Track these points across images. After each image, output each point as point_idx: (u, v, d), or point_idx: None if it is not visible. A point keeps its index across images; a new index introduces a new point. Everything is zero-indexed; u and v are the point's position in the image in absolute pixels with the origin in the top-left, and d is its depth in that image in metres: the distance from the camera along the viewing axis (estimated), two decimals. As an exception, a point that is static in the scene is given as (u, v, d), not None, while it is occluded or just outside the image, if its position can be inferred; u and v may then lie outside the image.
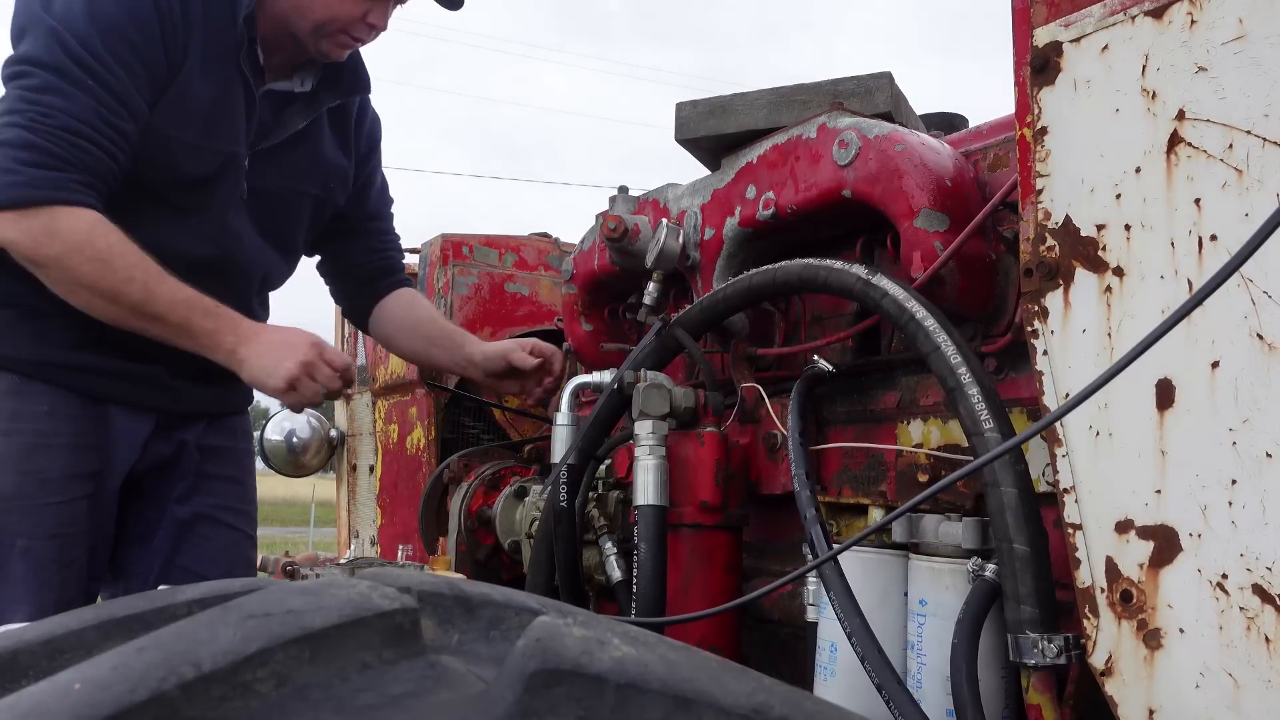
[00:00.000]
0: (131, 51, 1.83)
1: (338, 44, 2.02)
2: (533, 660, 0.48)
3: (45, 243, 1.75)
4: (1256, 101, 0.88)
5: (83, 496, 1.97)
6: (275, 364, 1.87)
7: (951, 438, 1.41)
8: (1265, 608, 0.86)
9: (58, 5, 1.81)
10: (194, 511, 2.18)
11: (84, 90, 1.78)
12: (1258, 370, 0.87)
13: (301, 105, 2.11)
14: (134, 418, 2.04)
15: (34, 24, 1.81)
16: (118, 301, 1.81)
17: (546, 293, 2.87)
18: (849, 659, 1.26)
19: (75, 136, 1.76)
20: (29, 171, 1.73)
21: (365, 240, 2.38)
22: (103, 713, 0.43)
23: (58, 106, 1.76)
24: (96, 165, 1.79)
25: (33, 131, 1.74)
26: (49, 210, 1.75)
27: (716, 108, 1.75)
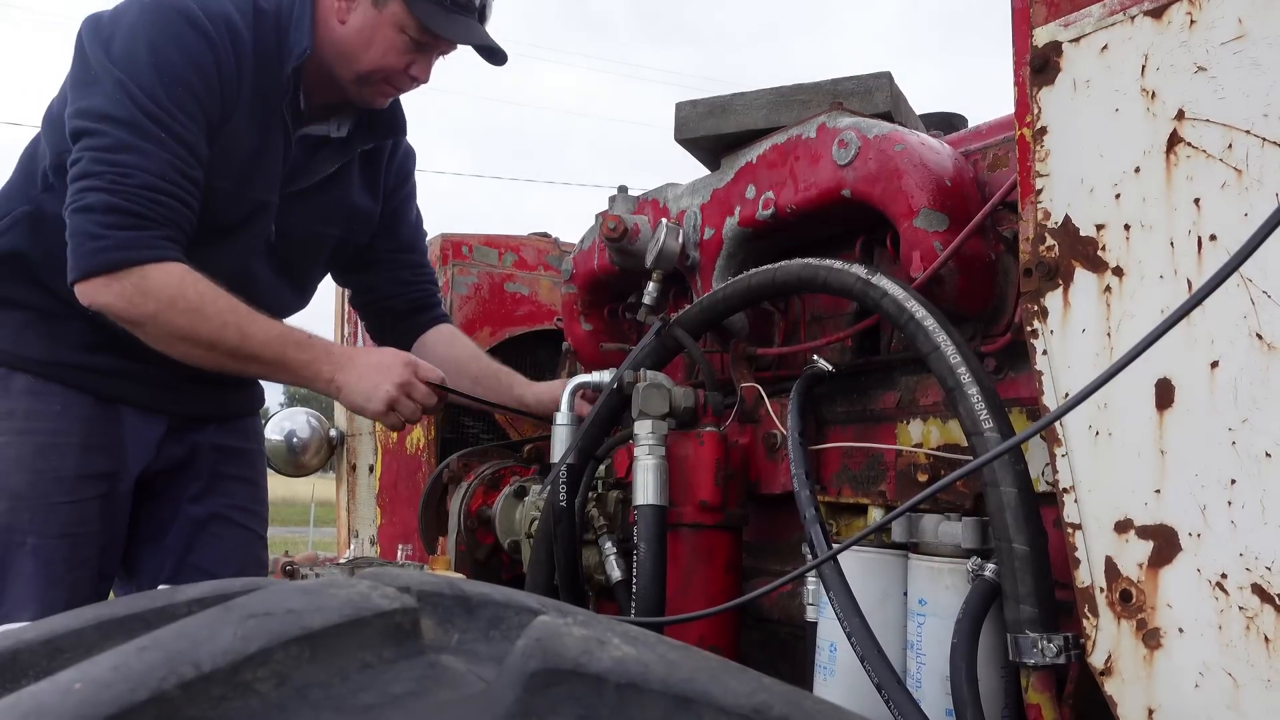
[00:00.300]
0: (194, 100, 1.85)
1: (380, 93, 2.06)
2: (533, 660, 0.48)
3: (140, 302, 1.78)
4: (1256, 101, 0.88)
5: (94, 497, 1.98)
6: (373, 388, 1.91)
7: (951, 437, 1.41)
8: (1264, 607, 0.86)
9: (118, 51, 1.82)
10: (208, 511, 2.20)
11: (158, 145, 1.80)
12: (1257, 370, 0.87)
13: (335, 149, 2.13)
14: (146, 419, 2.06)
15: (100, 74, 1.82)
16: (215, 348, 1.84)
17: (546, 292, 2.87)
18: (848, 659, 1.26)
19: (156, 194, 1.79)
20: (116, 234, 1.75)
21: (396, 272, 2.36)
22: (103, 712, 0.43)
23: (135, 165, 1.78)
24: (177, 218, 1.82)
25: (114, 194, 1.76)
26: (139, 270, 1.77)
27: (716, 107, 1.75)
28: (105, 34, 1.84)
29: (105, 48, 1.83)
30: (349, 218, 2.22)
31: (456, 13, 1.98)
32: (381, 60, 1.98)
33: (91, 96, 1.82)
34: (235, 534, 2.25)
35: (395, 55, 1.99)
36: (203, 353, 1.85)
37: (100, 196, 1.75)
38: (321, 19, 1.98)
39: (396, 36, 1.97)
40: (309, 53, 1.95)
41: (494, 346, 2.76)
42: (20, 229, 1.92)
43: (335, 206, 2.19)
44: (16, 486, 1.91)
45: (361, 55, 1.98)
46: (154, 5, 1.86)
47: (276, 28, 1.96)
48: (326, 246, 2.25)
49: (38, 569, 1.91)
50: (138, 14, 1.85)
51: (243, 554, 2.27)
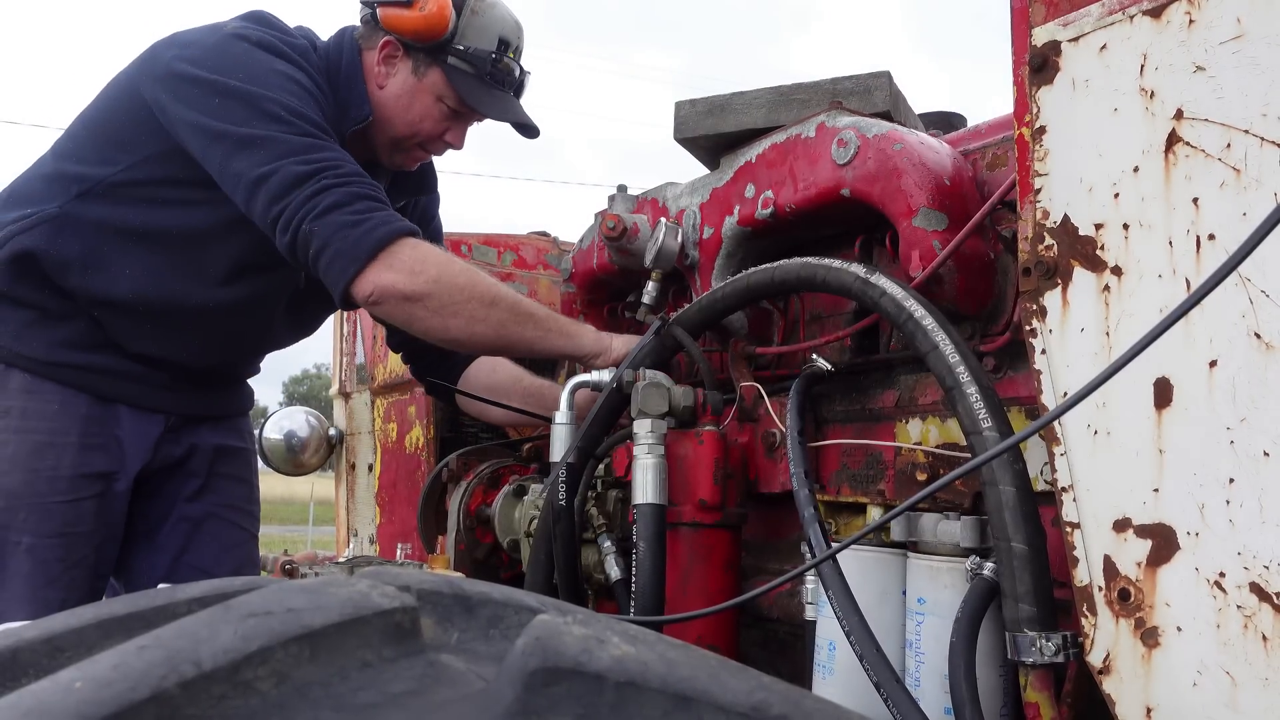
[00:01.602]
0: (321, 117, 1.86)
1: (412, 158, 2.08)
2: (532, 658, 0.48)
3: (422, 269, 1.77)
4: (1254, 101, 0.88)
5: (91, 496, 1.98)
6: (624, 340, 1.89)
7: (950, 436, 1.41)
8: (1262, 606, 0.86)
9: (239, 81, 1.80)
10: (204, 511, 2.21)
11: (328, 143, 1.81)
12: (1255, 369, 0.87)
13: None
14: (144, 418, 2.06)
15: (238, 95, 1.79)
16: (497, 304, 1.82)
17: (545, 291, 2.87)
18: (847, 657, 1.26)
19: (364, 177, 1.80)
20: (374, 215, 1.74)
21: None
22: (104, 711, 0.43)
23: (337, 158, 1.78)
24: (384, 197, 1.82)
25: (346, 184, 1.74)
26: (406, 241, 1.76)
27: (715, 107, 1.75)
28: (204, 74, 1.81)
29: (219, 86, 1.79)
30: None
31: (495, 87, 2.00)
32: (418, 126, 2.00)
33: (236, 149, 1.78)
34: (230, 534, 2.25)
35: (432, 123, 2.01)
36: (486, 310, 1.80)
37: (338, 193, 1.73)
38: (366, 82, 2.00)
39: (434, 105, 1.99)
40: (369, 119, 1.96)
41: None
42: (44, 230, 1.90)
43: None
44: (12, 485, 1.91)
45: (398, 121, 2.00)
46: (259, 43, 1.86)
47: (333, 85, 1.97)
48: None
49: (34, 568, 1.91)
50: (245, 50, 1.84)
51: (238, 554, 2.27)
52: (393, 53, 1.97)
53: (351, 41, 2.00)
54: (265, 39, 1.88)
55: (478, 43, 1.96)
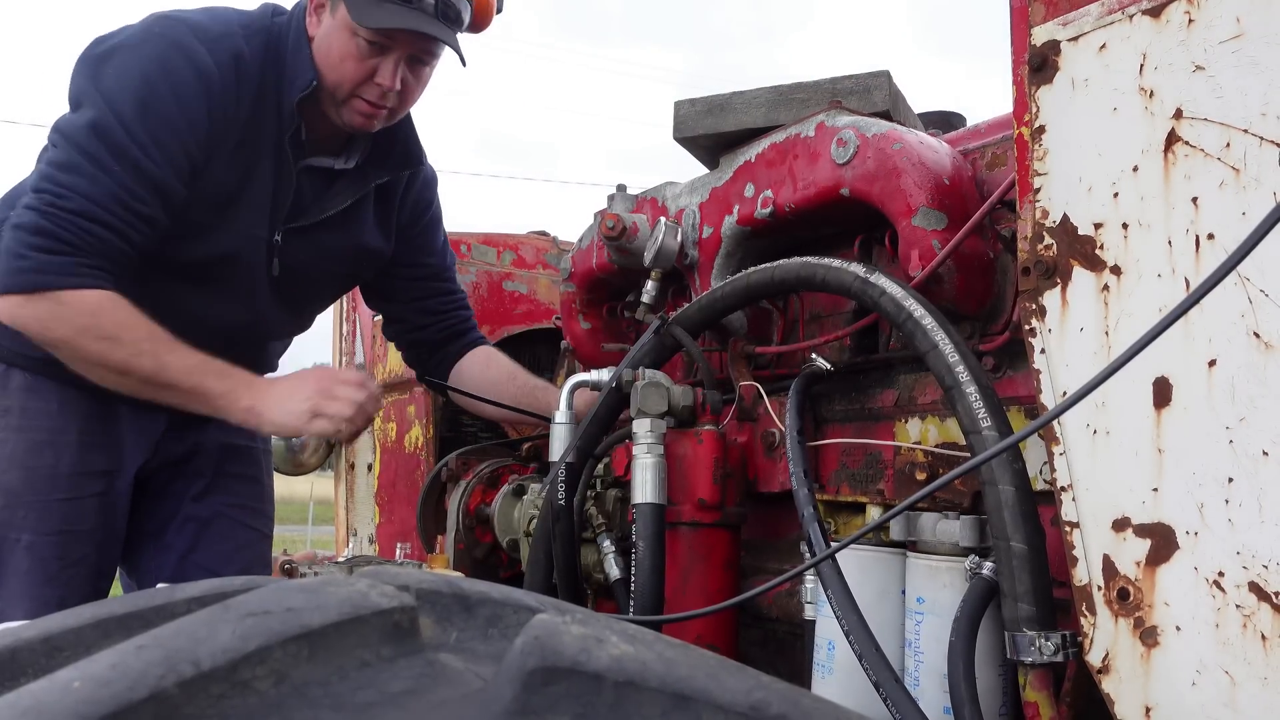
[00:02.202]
0: (174, 137, 1.82)
1: (356, 111, 1.94)
2: (531, 658, 0.48)
3: (53, 326, 1.77)
4: (1254, 100, 0.88)
5: (91, 494, 1.98)
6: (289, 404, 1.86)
7: (949, 436, 1.41)
8: (1261, 605, 0.86)
9: (109, 78, 1.80)
10: (212, 510, 2.20)
11: (109, 174, 1.78)
12: (1255, 368, 0.87)
13: (347, 183, 2.07)
14: (145, 416, 2.05)
15: (85, 95, 1.81)
16: (129, 375, 1.82)
17: (545, 291, 2.87)
18: (847, 657, 1.26)
19: (88, 221, 1.76)
20: (36, 257, 1.74)
21: (425, 302, 2.32)
22: (102, 710, 0.43)
23: (74, 188, 1.76)
24: (106, 249, 1.79)
25: (44, 216, 1.74)
26: (54, 295, 1.75)
27: (715, 106, 1.75)
28: (99, 52, 1.83)
29: (95, 70, 1.81)
30: (356, 257, 2.18)
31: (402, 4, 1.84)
32: (341, 69, 1.89)
33: (68, 117, 1.82)
34: (240, 534, 2.25)
35: (353, 62, 1.88)
36: (117, 378, 1.83)
37: (32, 217, 1.75)
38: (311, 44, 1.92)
39: (350, 40, 1.87)
40: (315, 84, 1.89)
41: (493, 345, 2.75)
42: None
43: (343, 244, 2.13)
44: (12, 483, 1.91)
45: (326, 71, 1.90)
46: (159, 37, 1.83)
47: (278, 58, 1.92)
48: (332, 284, 2.23)
49: (32, 566, 1.91)
50: (139, 42, 1.83)
51: (247, 554, 2.26)
52: (320, 3, 1.91)
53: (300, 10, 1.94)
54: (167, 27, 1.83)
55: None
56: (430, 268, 2.31)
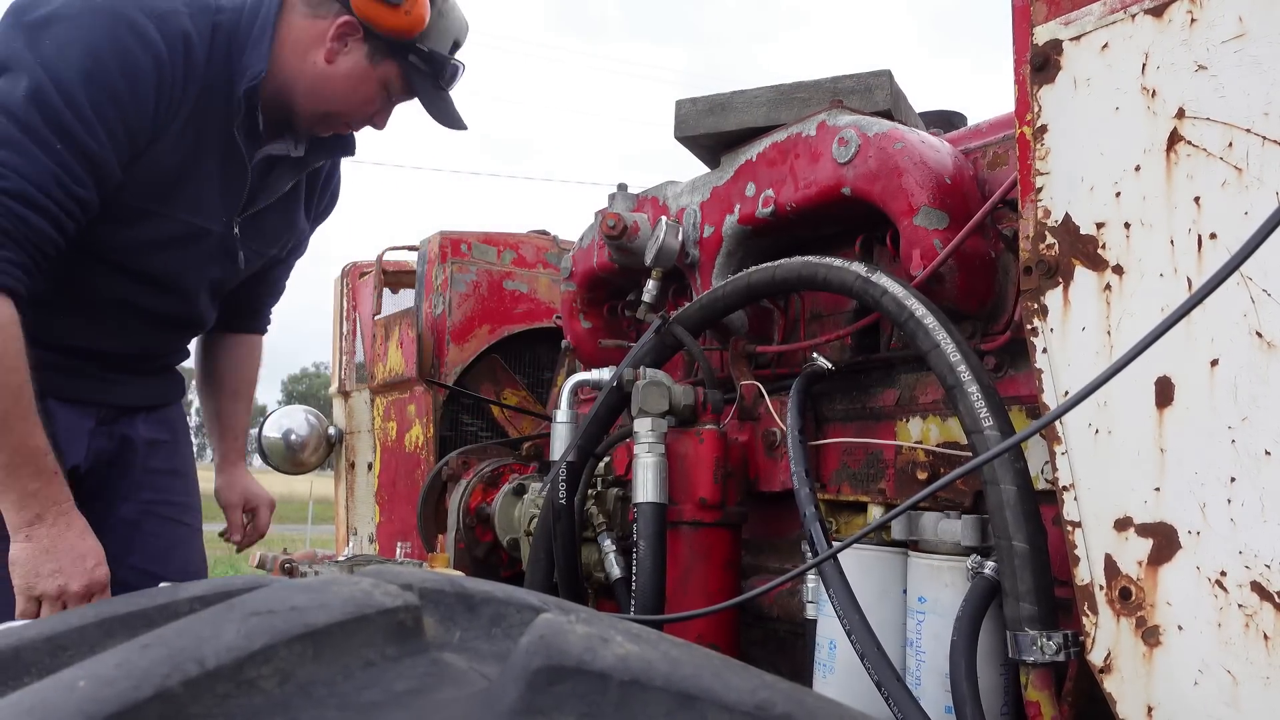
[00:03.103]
0: (119, 116, 1.73)
1: (332, 129, 2.04)
2: (536, 657, 0.48)
3: None
4: (1256, 100, 0.88)
5: None
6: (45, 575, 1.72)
7: (951, 435, 1.41)
8: (1264, 605, 0.86)
9: (49, 46, 1.68)
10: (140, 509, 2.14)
11: (48, 153, 1.66)
12: (1257, 368, 0.87)
13: (289, 167, 2.09)
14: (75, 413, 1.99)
15: (16, 62, 1.67)
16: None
17: (545, 290, 2.87)
18: (848, 656, 1.26)
19: (23, 204, 1.64)
20: None
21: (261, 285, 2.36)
22: (107, 709, 0.43)
23: (13, 166, 1.63)
24: (39, 237, 1.67)
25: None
26: None
27: (716, 105, 1.75)
28: (35, 19, 1.70)
29: (31, 35, 1.68)
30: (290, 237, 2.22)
31: (441, 89, 2.01)
32: (357, 108, 1.98)
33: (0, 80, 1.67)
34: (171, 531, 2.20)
35: (372, 107, 1.99)
36: None
37: None
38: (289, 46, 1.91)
39: (379, 92, 1.97)
40: (263, 75, 1.87)
41: (493, 344, 2.76)
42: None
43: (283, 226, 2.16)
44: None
45: (338, 99, 1.95)
46: (105, 9, 1.73)
47: (229, 47, 1.89)
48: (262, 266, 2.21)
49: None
50: (82, 12, 1.71)
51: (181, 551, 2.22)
52: (350, 32, 1.91)
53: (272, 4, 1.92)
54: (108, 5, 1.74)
55: (437, 44, 1.96)
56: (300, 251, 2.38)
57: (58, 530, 1.73)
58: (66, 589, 1.72)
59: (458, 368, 2.71)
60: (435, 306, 2.73)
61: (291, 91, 1.94)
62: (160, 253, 1.94)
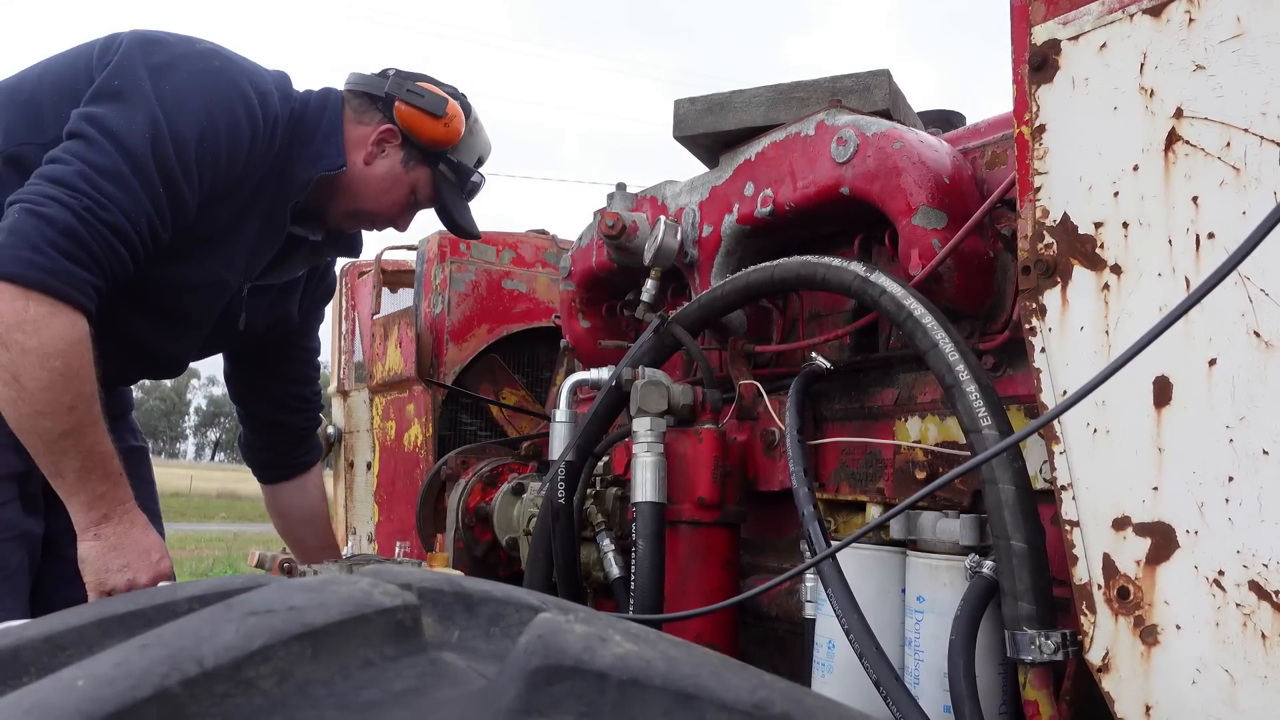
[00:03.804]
0: (214, 175, 1.84)
1: (356, 226, 2.18)
2: (535, 656, 0.48)
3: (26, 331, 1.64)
4: (1254, 99, 0.88)
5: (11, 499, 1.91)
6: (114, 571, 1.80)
7: (949, 435, 1.41)
8: (1261, 604, 0.86)
9: (170, 90, 1.78)
10: None
11: (151, 197, 1.75)
12: (1255, 368, 0.87)
13: (306, 254, 2.20)
14: None
15: (135, 95, 1.76)
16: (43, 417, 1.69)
17: (544, 289, 2.87)
18: (847, 655, 1.26)
19: (117, 237, 1.72)
20: (60, 261, 1.65)
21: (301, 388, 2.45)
22: (106, 709, 0.43)
23: (116, 200, 1.71)
24: (120, 269, 1.76)
25: (82, 221, 1.67)
26: (51, 303, 1.65)
27: (715, 105, 1.75)
28: (159, 62, 1.81)
29: (155, 76, 1.78)
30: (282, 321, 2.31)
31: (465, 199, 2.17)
32: (387, 210, 2.12)
33: (113, 110, 1.74)
34: None
35: (398, 209, 2.13)
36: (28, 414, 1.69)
37: (64, 215, 1.64)
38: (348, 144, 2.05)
39: (407, 195, 2.11)
40: (342, 169, 2.01)
41: (492, 344, 2.76)
42: None
43: (282, 308, 2.27)
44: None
45: (369, 199, 2.08)
46: (223, 74, 1.87)
47: (296, 133, 2.00)
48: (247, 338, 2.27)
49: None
50: (203, 71, 1.84)
51: None
52: (390, 139, 2.07)
53: (338, 102, 2.08)
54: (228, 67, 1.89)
55: (465, 158, 2.15)
56: (314, 353, 2.49)
57: (123, 528, 1.81)
58: (135, 582, 1.82)
59: (456, 367, 2.71)
60: (434, 306, 2.73)
61: (332, 186, 2.06)
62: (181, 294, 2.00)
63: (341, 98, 2.10)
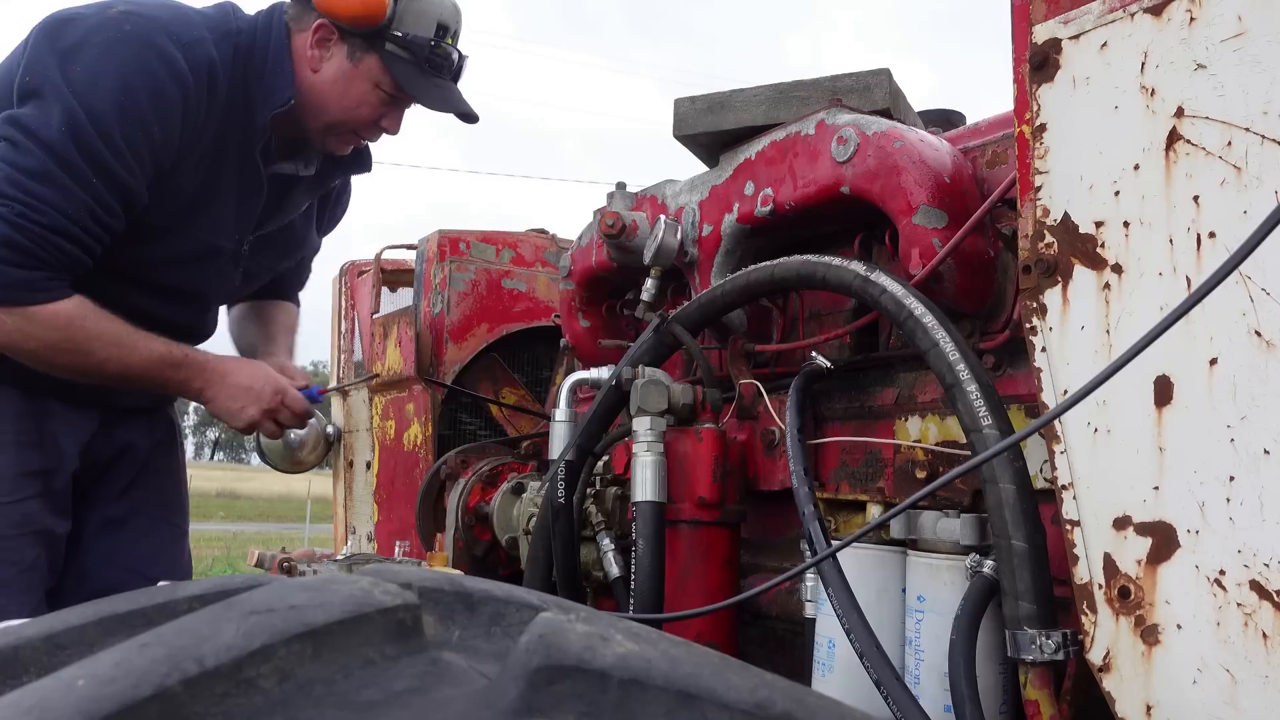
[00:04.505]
0: (149, 147, 1.79)
1: (345, 142, 2.04)
2: (536, 656, 0.48)
3: (21, 340, 1.77)
4: (1255, 99, 0.88)
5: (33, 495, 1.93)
6: (240, 408, 1.99)
7: (949, 434, 1.41)
8: (1262, 604, 0.86)
9: (80, 73, 1.72)
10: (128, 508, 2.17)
11: (84, 188, 1.73)
12: (1256, 367, 0.87)
13: (305, 186, 2.12)
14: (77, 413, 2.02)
15: (49, 88, 1.71)
16: (96, 375, 1.88)
17: (544, 289, 2.87)
18: (847, 655, 1.26)
19: (60, 237, 1.72)
20: (9, 271, 1.70)
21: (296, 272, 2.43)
22: (107, 708, 0.43)
23: (49, 201, 1.70)
24: (72, 262, 1.78)
25: (16, 229, 1.69)
26: (24, 310, 1.74)
27: (715, 104, 1.75)
28: (68, 45, 1.73)
29: (63, 62, 1.72)
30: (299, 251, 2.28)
31: (433, 74, 1.96)
32: (354, 113, 1.96)
33: (31, 109, 1.71)
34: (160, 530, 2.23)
35: (369, 109, 1.96)
36: (86, 378, 1.89)
37: (2, 228, 1.68)
38: (296, 65, 1.93)
39: (371, 91, 1.94)
40: (290, 104, 1.90)
41: (492, 343, 2.75)
42: None
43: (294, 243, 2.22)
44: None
45: (331, 106, 1.95)
46: (135, 38, 1.76)
47: (247, 70, 1.90)
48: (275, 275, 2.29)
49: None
50: (113, 41, 1.74)
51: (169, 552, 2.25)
52: (327, 36, 1.91)
53: (280, 21, 1.94)
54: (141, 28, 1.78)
55: (415, 29, 1.91)
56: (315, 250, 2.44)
57: (216, 383, 1.99)
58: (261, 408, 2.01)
59: (456, 366, 2.71)
60: (434, 305, 2.72)
61: (300, 111, 1.95)
62: (175, 268, 1.99)
63: (283, 10, 1.96)
